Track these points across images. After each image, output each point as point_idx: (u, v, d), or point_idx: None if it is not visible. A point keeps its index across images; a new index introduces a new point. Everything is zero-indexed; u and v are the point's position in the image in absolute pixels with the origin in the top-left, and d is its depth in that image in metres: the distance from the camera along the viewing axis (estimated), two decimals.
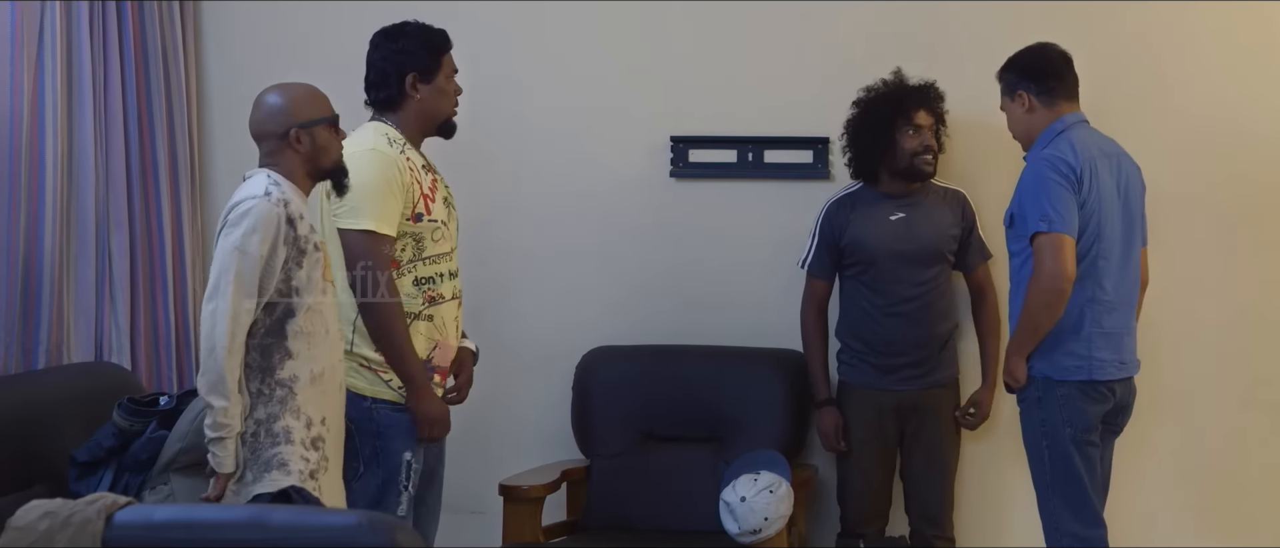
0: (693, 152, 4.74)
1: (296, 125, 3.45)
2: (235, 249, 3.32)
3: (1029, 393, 3.94)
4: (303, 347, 3.42)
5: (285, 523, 2.70)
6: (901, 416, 4.39)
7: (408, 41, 3.80)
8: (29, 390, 3.90)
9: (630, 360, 4.65)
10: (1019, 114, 4.03)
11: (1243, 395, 4.45)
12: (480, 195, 4.68)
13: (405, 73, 3.79)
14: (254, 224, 3.33)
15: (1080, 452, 3.89)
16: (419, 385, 3.72)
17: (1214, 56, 4.42)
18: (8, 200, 4.10)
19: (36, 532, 2.72)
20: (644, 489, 4.51)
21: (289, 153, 3.46)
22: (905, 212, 4.36)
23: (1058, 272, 3.78)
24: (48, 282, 4.19)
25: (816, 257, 4.46)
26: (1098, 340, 3.89)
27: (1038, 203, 3.82)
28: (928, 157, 4.33)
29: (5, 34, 4.11)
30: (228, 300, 3.31)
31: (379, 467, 3.72)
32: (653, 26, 4.73)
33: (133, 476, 3.58)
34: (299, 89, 3.53)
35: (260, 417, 3.38)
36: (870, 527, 4.44)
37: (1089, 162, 3.87)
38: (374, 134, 3.75)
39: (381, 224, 3.65)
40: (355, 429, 3.69)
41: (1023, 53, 4.04)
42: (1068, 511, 3.89)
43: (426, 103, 3.82)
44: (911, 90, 4.36)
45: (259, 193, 3.37)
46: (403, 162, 3.72)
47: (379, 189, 3.65)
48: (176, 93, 4.70)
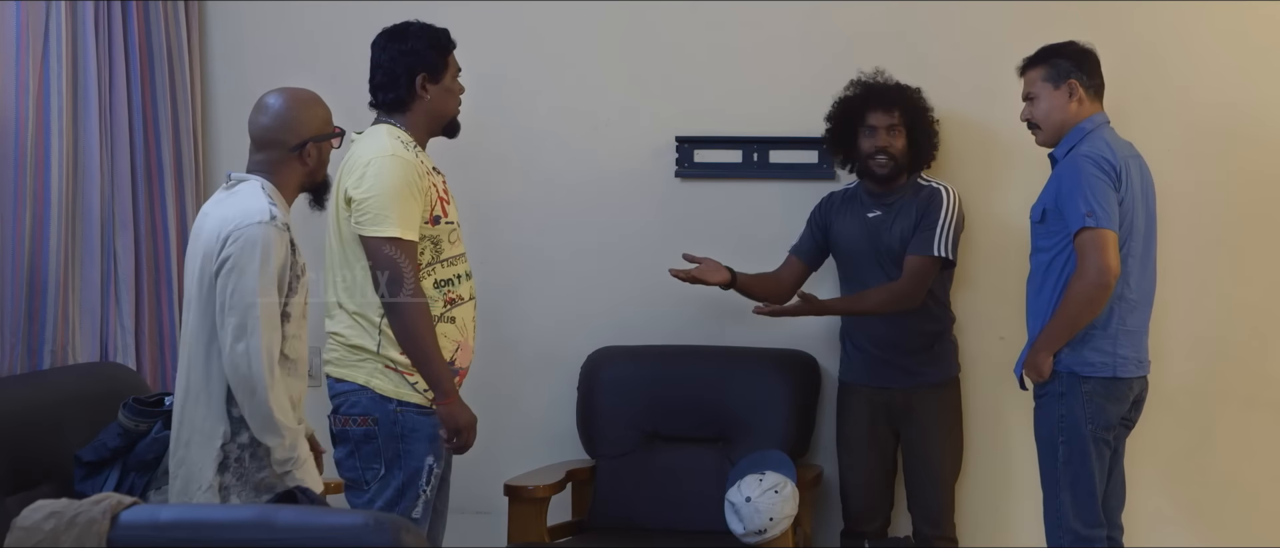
0: (698, 152, 4.74)
1: (310, 140, 3.42)
2: (255, 288, 3.26)
3: (1052, 387, 3.92)
4: (285, 373, 3.39)
5: (291, 523, 2.69)
6: (894, 414, 4.39)
7: (415, 42, 3.79)
8: (34, 391, 3.90)
9: (636, 360, 4.65)
10: (1062, 102, 3.96)
11: (1249, 395, 4.44)
12: (486, 196, 4.68)
13: (415, 73, 3.77)
14: (267, 256, 3.28)
15: (1097, 449, 3.88)
16: (447, 392, 3.69)
17: (1220, 56, 4.41)
18: (13, 201, 4.11)
19: (42, 532, 2.72)
20: (649, 490, 4.51)
21: (294, 166, 3.43)
22: (882, 210, 4.37)
23: (1105, 267, 3.76)
24: (53, 282, 4.19)
25: (801, 240, 4.50)
26: (1122, 338, 3.89)
27: (1083, 198, 3.79)
28: (880, 158, 4.31)
29: (11, 34, 4.11)
30: (258, 338, 3.26)
31: (400, 469, 3.70)
32: (658, 27, 4.73)
33: (138, 476, 3.58)
34: (308, 98, 3.49)
35: (243, 441, 3.36)
36: (872, 524, 4.45)
37: (1124, 160, 3.87)
38: (388, 138, 3.71)
39: (406, 230, 3.63)
40: (379, 431, 3.68)
41: (1070, 44, 4.00)
42: (1073, 508, 3.89)
43: (435, 103, 3.81)
44: (868, 91, 4.36)
45: (264, 217, 3.30)
46: (420, 165, 3.71)
47: (402, 194, 3.63)
48: (181, 93, 4.71)
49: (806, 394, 4.56)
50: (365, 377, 3.68)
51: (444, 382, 3.68)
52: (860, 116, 4.35)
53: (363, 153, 3.68)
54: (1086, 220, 3.78)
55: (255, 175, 3.43)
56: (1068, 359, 3.89)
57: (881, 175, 4.33)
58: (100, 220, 4.37)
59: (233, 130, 4.85)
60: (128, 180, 4.50)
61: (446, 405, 3.69)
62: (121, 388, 3.92)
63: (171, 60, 4.67)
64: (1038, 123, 4.02)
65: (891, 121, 4.31)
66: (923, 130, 4.37)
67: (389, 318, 3.66)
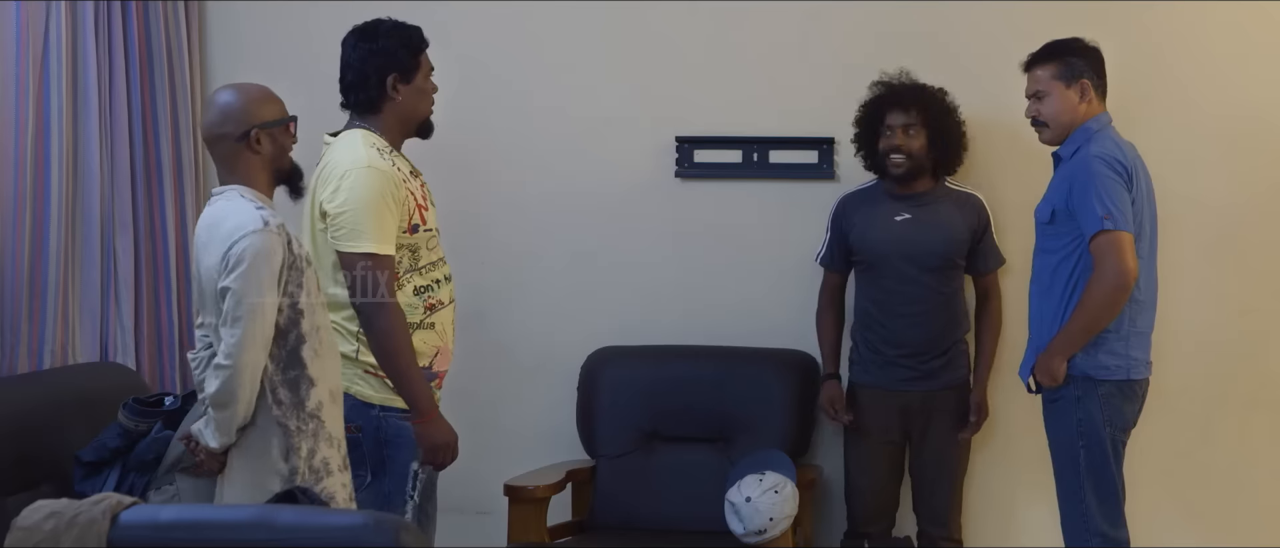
0: (698, 152, 4.74)
1: (257, 126, 3.32)
2: (253, 305, 3.19)
3: (1067, 392, 3.89)
4: (319, 369, 3.35)
5: (291, 523, 2.69)
6: (907, 416, 4.38)
7: (386, 41, 3.69)
8: (34, 391, 3.90)
9: (636, 361, 4.65)
10: (1072, 102, 3.93)
11: (1249, 395, 4.44)
12: (486, 196, 4.68)
13: (386, 74, 3.68)
14: (260, 269, 3.20)
15: (1115, 451, 3.88)
16: (424, 410, 3.61)
17: (1223, 57, 4.42)
18: (13, 202, 4.11)
19: (42, 532, 2.72)
20: (649, 490, 4.51)
21: (248, 157, 3.33)
22: (912, 213, 4.35)
23: (1124, 270, 3.75)
24: (53, 282, 4.19)
25: (828, 250, 4.49)
26: (1134, 340, 3.88)
27: (1098, 200, 3.76)
28: (896, 157, 4.31)
29: (10, 35, 4.11)
30: (251, 355, 3.20)
31: (385, 475, 3.67)
32: (658, 27, 4.73)
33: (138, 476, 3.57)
34: (255, 88, 3.39)
35: (303, 453, 3.30)
36: (876, 526, 4.44)
37: (1133, 161, 3.86)
38: (364, 146, 3.61)
39: (381, 245, 3.55)
40: (362, 437, 3.65)
41: (1077, 41, 3.97)
42: (1099, 510, 3.88)
43: (407, 104, 3.72)
44: (887, 90, 4.36)
45: (257, 226, 3.23)
46: (396, 174, 3.62)
47: (376, 208, 3.54)
48: (181, 94, 4.71)
49: (806, 394, 4.55)
50: (346, 383, 3.59)
51: (422, 400, 3.61)
52: (880, 117, 4.34)
53: (338, 163, 3.60)
54: (1104, 223, 3.75)
55: (228, 187, 3.35)
56: (1082, 363, 3.86)
57: (897, 175, 4.33)
58: (100, 221, 4.37)
59: None
60: (128, 181, 4.50)
61: (424, 424, 3.62)
62: (121, 388, 3.91)
63: (171, 60, 4.67)
64: (1046, 121, 3.98)
65: (908, 121, 4.30)
66: (946, 131, 4.34)
67: (366, 334, 3.59)
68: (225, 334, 3.23)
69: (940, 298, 4.34)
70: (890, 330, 4.35)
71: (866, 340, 4.42)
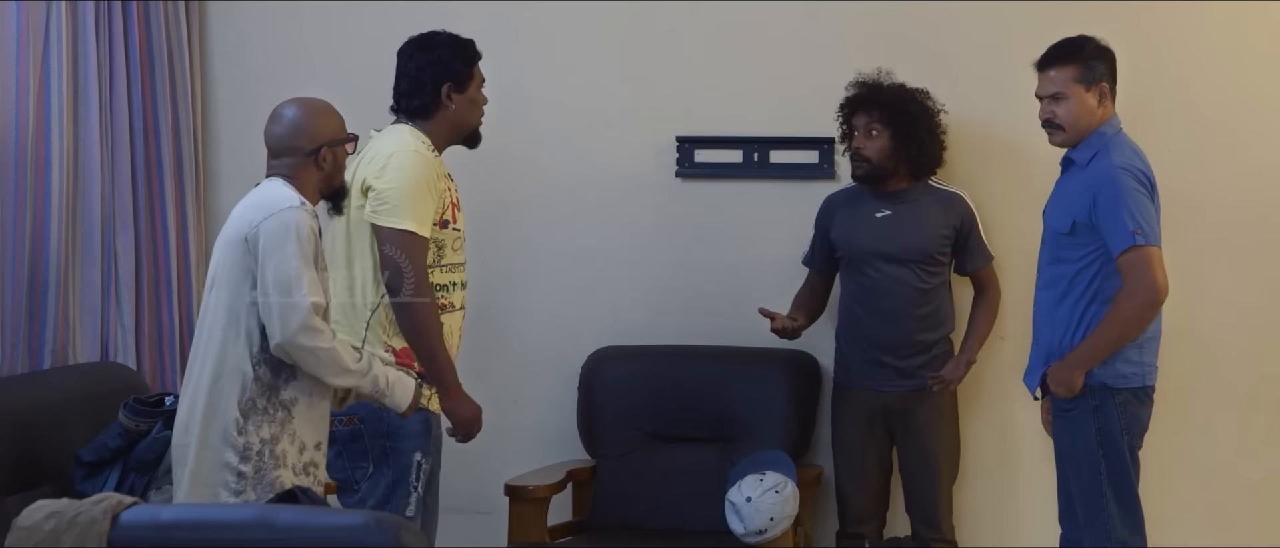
0: (698, 152, 4.74)
1: (325, 144, 3.44)
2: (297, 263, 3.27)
3: (1084, 402, 3.85)
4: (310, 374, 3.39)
5: (291, 523, 2.70)
6: (890, 416, 4.38)
7: (443, 51, 3.83)
8: (34, 391, 3.90)
9: (636, 361, 4.65)
10: (1091, 106, 3.86)
11: (1250, 395, 4.44)
12: (486, 195, 4.68)
13: (441, 82, 3.81)
14: (301, 235, 3.29)
15: (1133, 458, 3.87)
16: (450, 386, 3.73)
17: (1220, 56, 4.41)
18: (13, 201, 4.11)
19: (42, 532, 2.73)
20: (650, 490, 4.51)
21: (311, 170, 3.44)
22: (892, 210, 4.35)
23: (1156, 286, 3.73)
24: (53, 282, 4.19)
25: (811, 249, 4.50)
26: (1148, 347, 3.87)
27: (1129, 216, 3.72)
28: (860, 157, 4.32)
29: (11, 34, 4.11)
30: (307, 300, 3.26)
31: (389, 467, 3.71)
32: (658, 27, 4.73)
33: (139, 476, 3.58)
34: (321, 106, 3.50)
35: (265, 436, 3.35)
36: (867, 525, 4.44)
37: (1150, 169, 3.84)
38: (411, 136, 3.76)
39: (419, 225, 3.66)
40: (365, 429, 3.68)
41: (1091, 41, 3.91)
42: (1121, 518, 3.86)
43: (459, 112, 3.85)
44: (854, 92, 4.36)
45: (294, 202, 3.34)
46: (439, 166, 3.76)
47: (419, 190, 3.67)
48: (182, 93, 4.71)
49: (807, 394, 4.55)
50: None
51: (448, 377, 3.72)
52: (846, 117, 4.38)
53: (385, 146, 3.71)
54: (1135, 238, 3.71)
55: (273, 178, 3.45)
56: (1100, 372, 3.83)
57: (857, 176, 4.35)
58: (100, 220, 4.38)
59: (233, 130, 4.87)
60: (128, 180, 4.50)
61: (451, 400, 3.73)
62: (122, 388, 3.92)
63: (171, 60, 4.67)
64: (1062, 124, 3.89)
65: (869, 122, 4.30)
66: (915, 132, 4.30)
67: (395, 311, 3.68)
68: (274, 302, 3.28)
69: (919, 295, 4.32)
70: (871, 328, 4.36)
71: (850, 341, 4.43)
